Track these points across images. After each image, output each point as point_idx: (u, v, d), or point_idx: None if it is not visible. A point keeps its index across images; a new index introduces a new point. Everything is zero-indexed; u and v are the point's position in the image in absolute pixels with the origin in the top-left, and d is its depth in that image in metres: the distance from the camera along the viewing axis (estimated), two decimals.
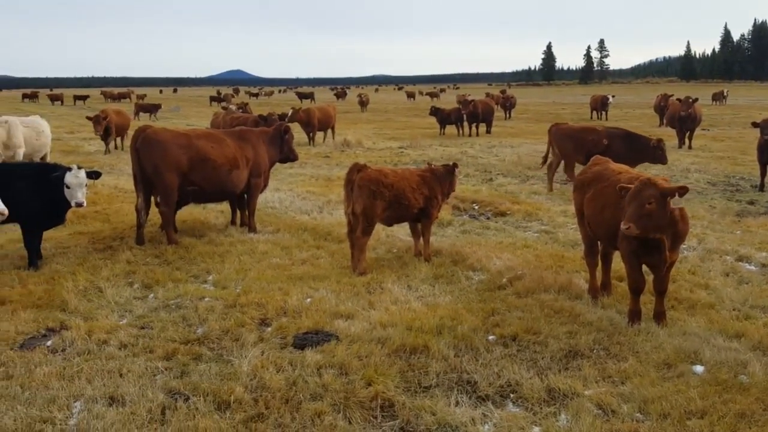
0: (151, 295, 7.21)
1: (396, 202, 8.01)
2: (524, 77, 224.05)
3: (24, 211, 8.00)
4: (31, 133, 14.83)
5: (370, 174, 7.94)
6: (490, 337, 5.93)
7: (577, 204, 7.22)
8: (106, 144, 21.63)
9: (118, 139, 22.37)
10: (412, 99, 74.67)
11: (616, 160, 7.67)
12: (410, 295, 7.11)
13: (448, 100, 58.63)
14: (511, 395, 4.97)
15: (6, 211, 6.54)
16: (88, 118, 21.28)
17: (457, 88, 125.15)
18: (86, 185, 8.21)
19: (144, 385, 4.98)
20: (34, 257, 8.13)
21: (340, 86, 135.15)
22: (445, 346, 5.67)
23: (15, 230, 9.15)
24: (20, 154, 14.30)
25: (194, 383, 5.00)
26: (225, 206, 11.10)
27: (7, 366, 5.36)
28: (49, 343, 5.87)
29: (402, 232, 9.68)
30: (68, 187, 8.05)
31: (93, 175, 8.35)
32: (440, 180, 8.48)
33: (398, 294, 7.11)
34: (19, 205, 7.93)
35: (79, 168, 8.19)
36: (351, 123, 35.10)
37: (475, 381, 5.13)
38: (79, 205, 8.18)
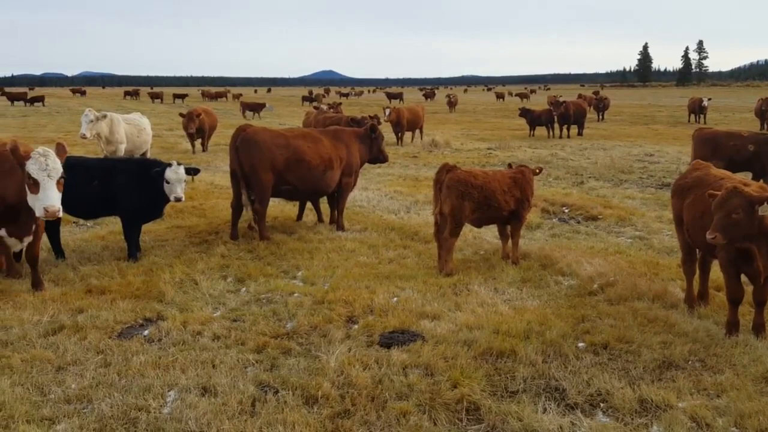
0: (244, 288, 7.41)
1: (485, 203, 7.93)
2: (618, 78, 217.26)
3: (125, 205, 8.41)
4: (132, 130, 15.58)
5: (459, 175, 7.89)
6: (580, 344, 5.77)
7: (676, 210, 6.93)
8: (194, 143, 21.22)
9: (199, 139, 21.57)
10: (501, 100, 73.81)
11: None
12: (497, 298, 7.02)
13: (539, 101, 57.62)
14: (601, 404, 4.82)
15: (61, 213, 6.66)
16: (182, 115, 21.25)
17: (548, 88, 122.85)
18: (185, 181, 8.51)
19: (235, 376, 5.11)
20: (134, 249, 8.52)
21: (428, 87, 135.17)
22: (532, 351, 5.56)
23: (116, 223, 9.64)
24: (122, 150, 15.05)
25: (283, 377, 5.10)
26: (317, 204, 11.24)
27: (106, 354, 5.59)
28: (145, 332, 6.11)
29: (489, 234, 9.58)
30: (168, 183, 8.37)
31: (192, 171, 8.67)
32: (531, 182, 8.35)
33: (485, 296, 7.03)
34: (120, 198, 8.36)
35: (179, 164, 8.50)
36: (439, 123, 35.07)
37: (564, 388, 5.00)
38: (177, 200, 8.49)
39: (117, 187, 8.41)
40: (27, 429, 4.33)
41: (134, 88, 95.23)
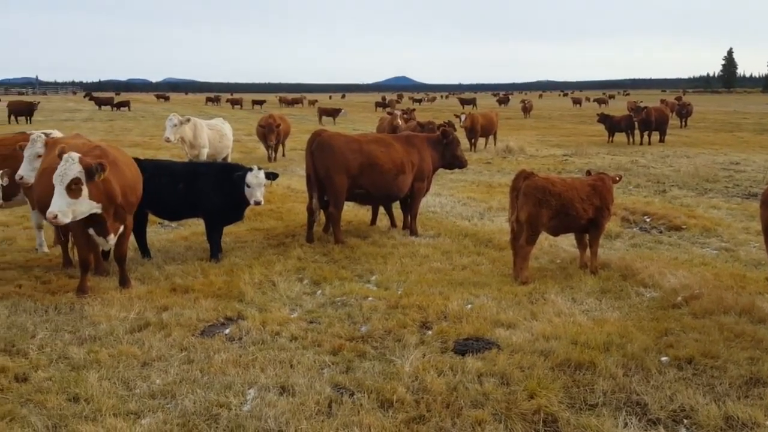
0: (319, 291, 7.52)
1: (563, 211, 7.78)
2: (701, 84, 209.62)
3: (208, 207, 8.68)
4: (214, 135, 16.05)
5: (536, 182, 7.77)
6: (663, 358, 5.58)
7: (764, 220, 6.64)
8: (270, 150, 20.42)
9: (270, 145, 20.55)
10: (578, 105, 72.27)
11: None
12: (575, 308, 6.87)
13: (618, 107, 56.17)
14: (685, 421, 4.66)
15: (62, 218, 6.55)
16: (261, 126, 20.09)
17: (627, 94, 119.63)
18: (265, 185, 8.71)
19: (312, 377, 5.20)
20: (216, 250, 8.77)
21: (502, 92, 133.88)
22: (612, 363, 5.42)
23: (198, 224, 9.94)
24: (204, 154, 15.52)
25: (359, 380, 5.15)
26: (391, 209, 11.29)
27: (189, 351, 5.76)
28: (227, 331, 6.27)
29: (566, 242, 9.40)
30: (249, 187, 8.58)
31: (271, 176, 8.85)
32: (611, 190, 8.15)
33: (562, 306, 6.90)
34: (203, 200, 8.63)
35: (259, 169, 8.71)
36: (513, 129, 34.67)
37: (646, 403, 4.86)
38: (257, 203, 8.69)
39: (201, 191, 8.69)
40: (114, 422, 4.48)
41: (215, 94, 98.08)
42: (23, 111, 40.53)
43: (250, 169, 8.66)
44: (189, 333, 6.19)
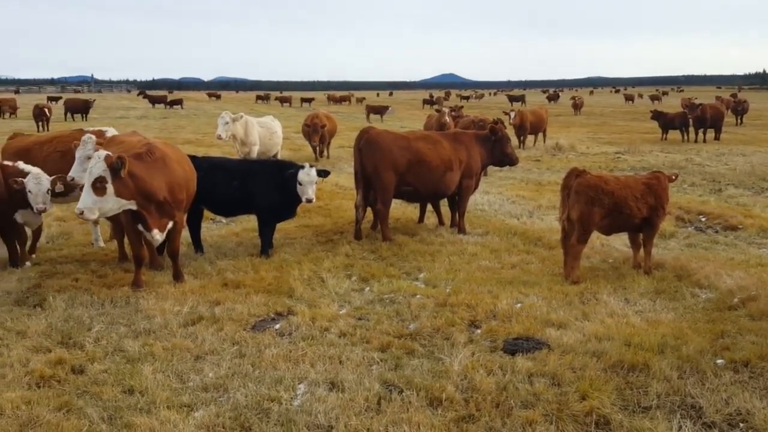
0: (367, 288, 7.55)
1: (616, 210, 7.64)
2: (758, 80, 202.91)
3: (261, 204, 8.79)
4: (265, 133, 16.25)
5: (589, 180, 7.64)
6: (719, 361, 5.44)
7: None
8: (317, 150, 20.04)
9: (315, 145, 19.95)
10: (630, 102, 70.81)
11: None
12: (628, 309, 6.74)
13: (671, 104, 54.85)
14: (741, 425, 4.54)
15: (89, 215, 6.77)
16: (306, 125, 19.46)
17: (681, 90, 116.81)
18: (316, 183, 8.78)
19: (361, 373, 5.22)
20: (267, 246, 8.88)
21: (552, 88, 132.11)
22: (667, 366, 5.31)
23: (249, 220, 10.10)
24: (255, 151, 15.73)
25: (407, 377, 5.15)
26: (436, 206, 11.24)
27: (241, 345, 5.85)
28: (277, 326, 6.34)
29: (618, 241, 9.23)
30: (300, 184, 8.67)
31: (323, 173, 8.94)
32: (666, 188, 7.97)
33: (615, 306, 6.78)
34: (257, 197, 8.74)
35: (311, 166, 8.78)
36: (563, 126, 34.18)
37: (701, 406, 4.74)
38: (309, 201, 8.75)
39: (255, 188, 8.80)
40: (168, 415, 4.57)
41: (265, 92, 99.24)
42: (79, 108, 41.70)
43: (302, 167, 8.75)
44: (240, 327, 6.28)
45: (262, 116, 17.94)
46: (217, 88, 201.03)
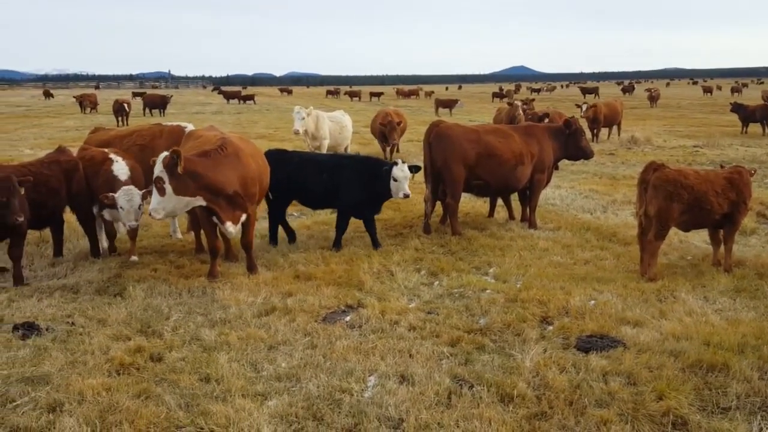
0: (437, 282, 7.54)
1: (696, 205, 7.37)
2: None
3: (346, 199, 8.81)
4: (335, 127, 16.42)
5: (667, 174, 7.39)
6: None
7: None
8: (386, 148, 18.38)
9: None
10: (708, 94, 68.11)
11: None
12: (707, 308, 6.51)
13: (752, 96, 52.50)
14: None
15: (157, 215, 7.05)
16: (382, 125, 17.85)
17: (762, 82, 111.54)
18: (409, 178, 8.73)
19: (431, 367, 5.22)
20: (339, 239, 8.95)
21: (627, 80, 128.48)
22: (747, 366, 5.11)
23: (320, 213, 10.20)
24: (325, 146, 15.92)
25: (478, 372, 5.12)
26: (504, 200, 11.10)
27: (313, 336, 5.94)
28: (347, 318, 6.41)
29: (697, 238, 8.92)
30: (395, 180, 8.64)
31: (414, 169, 8.88)
32: (749, 184, 7.63)
33: (693, 305, 6.55)
34: (344, 192, 8.77)
35: (404, 162, 8.77)
36: (639, 119, 33.20)
37: None
38: (406, 196, 8.76)
39: (342, 182, 8.81)
40: (242, 403, 4.67)
41: (335, 87, 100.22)
42: (157, 104, 43.08)
43: (396, 163, 8.72)
44: (312, 319, 6.37)
45: (332, 111, 18.08)
46: (289, 83, 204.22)
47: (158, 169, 6.96)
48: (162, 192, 6.97)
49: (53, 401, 4.73)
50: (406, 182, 8.67)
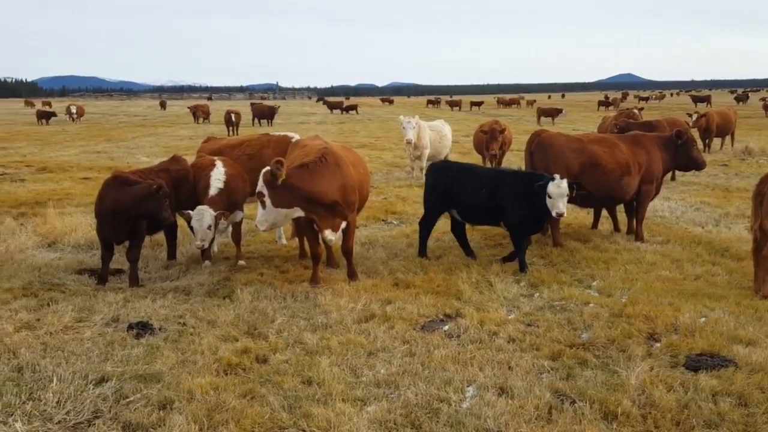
0: (537, 294, 7.43)
1: None
2: None
3: (511, 216, 8.47)
4: (435, 136, 16.50)
5: None
6: None
7: None
8: (487, 160, 16.96)
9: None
10: None
11: None
12: None
13: None
14: None
15: (260, 228, 7.65)
16: (483, 132, 16.90)
17: None
18: (566, 195, 8.17)
19: (531, 381, 5.14)
20: (522, 262, 8.36)
21: (741, 88, 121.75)
22: None
23: (411, 222, 10.24)
24: (425, 155, 16.02)
25: (580, 388, 5.00)
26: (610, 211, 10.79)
27: (411, 344, 5.96)
28: (445, 327, 6.41)
29: None
30: (550, 197, 8.13)
31: (574, 186, 8.26)
32: None
33: None
34: (506, 209, 8.47)
35: (561, 178, 8.20)
36: (753, 129, 31.46)
37: None
38: (560, 215, 8.28)
39: (503, 198, 8.47)
40: (343, 407, 4.74)
41: (436, 96, 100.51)
42: (265, 114, 44.75)
43: (552, 179, 8.19)
44: (410, 327, 6.41)
45: (432, 120, 18.16)
46: (391, 93, 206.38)
47: (260, 184, 7.32)
48: (264, 205, 7.36)
49: (164, 399, 4.92)
50: (563, 200, 8.09)
